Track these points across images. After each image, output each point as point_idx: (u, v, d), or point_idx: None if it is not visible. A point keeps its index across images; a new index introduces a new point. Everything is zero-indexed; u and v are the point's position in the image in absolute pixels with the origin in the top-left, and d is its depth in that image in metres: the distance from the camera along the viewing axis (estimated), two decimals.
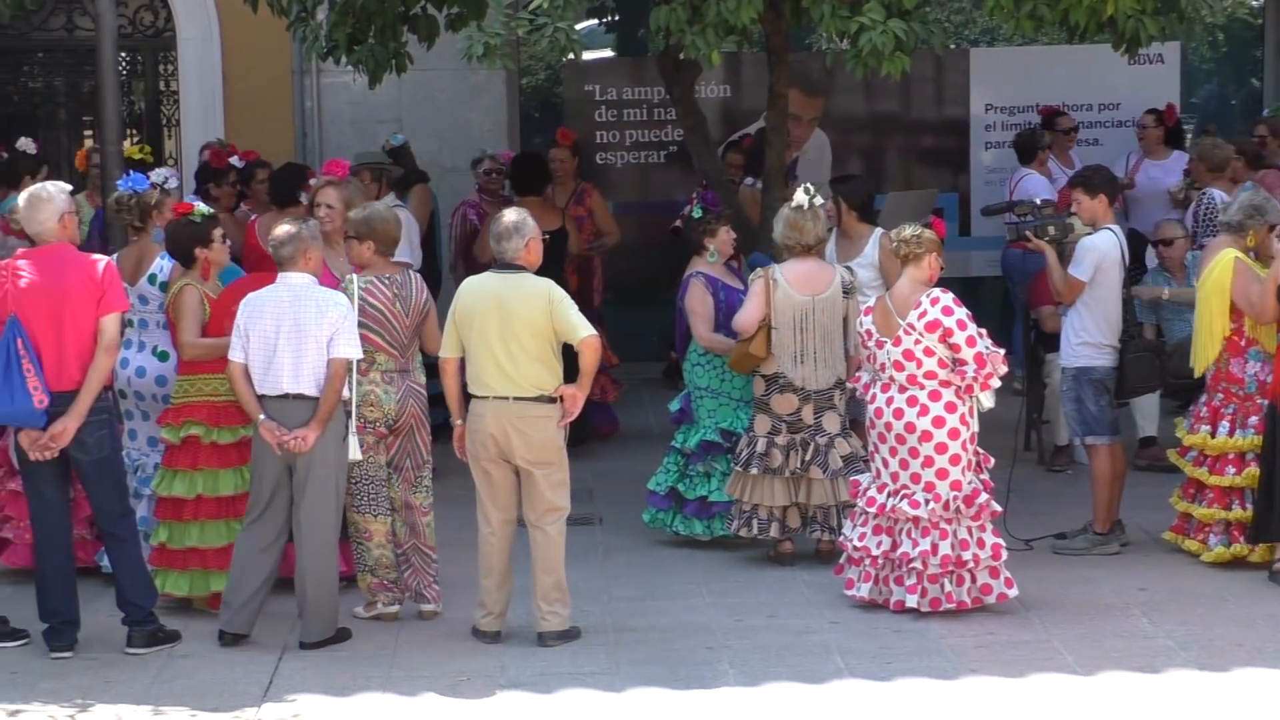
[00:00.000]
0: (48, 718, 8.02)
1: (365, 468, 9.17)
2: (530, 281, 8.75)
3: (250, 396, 8.80)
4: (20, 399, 8.46)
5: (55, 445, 8.60)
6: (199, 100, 15.04)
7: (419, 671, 8.53)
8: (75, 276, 8.63)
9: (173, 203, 9.81)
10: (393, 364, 9.16)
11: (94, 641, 8.89)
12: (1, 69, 15.59)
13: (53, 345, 8.56)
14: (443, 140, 14.89)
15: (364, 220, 9.31)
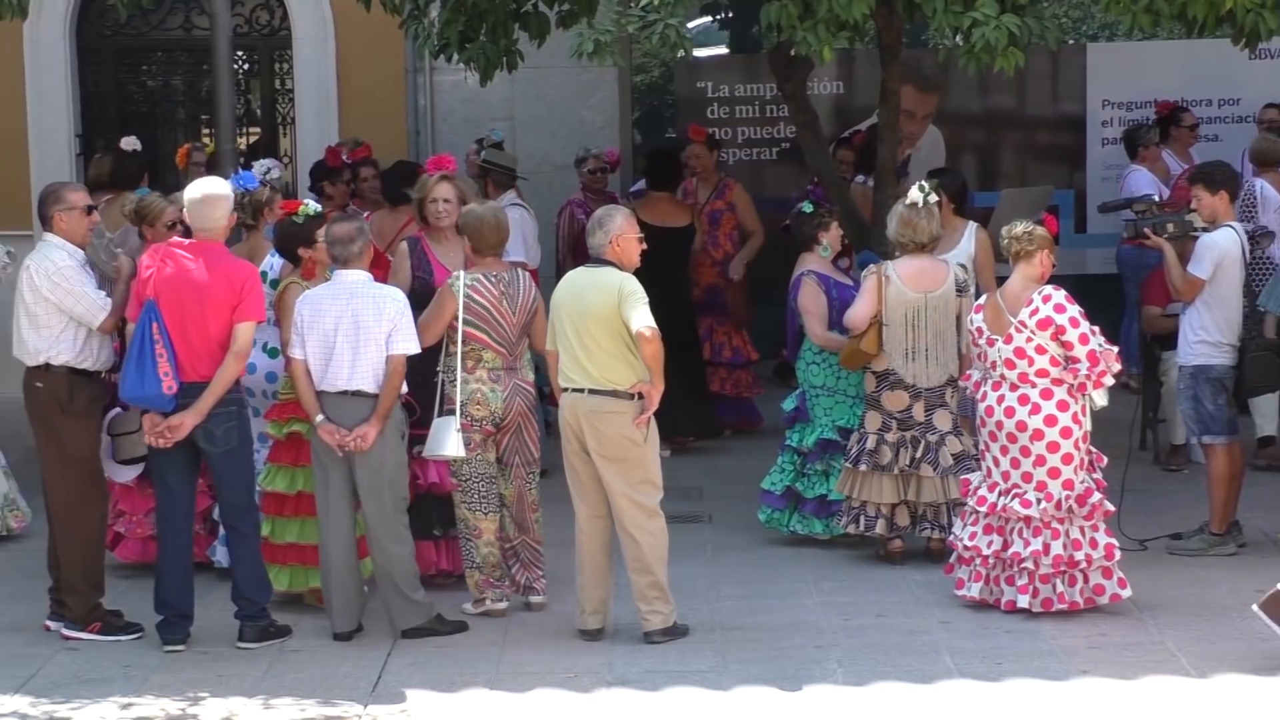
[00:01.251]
0: (160, 710, 8.09)
1: (474, 465, 9.19)
2: (606, 275, 8.72)
3: (310, 395, 8.85)
4: (150, 382, 8.55)
5: (172, 435, 8.69)
6: (314, 98, 15.15)
7: (526, 668, 8.54)
8: (218, 277, 8.71)
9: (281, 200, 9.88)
10: (500, 362, 9.18)
11: (206, 635, 8.97)
12: (120, 68, 15.76)
13: (182, 338, 8.65)
14: (554, 138, 14.92)
15: (463, 219, 9.36)
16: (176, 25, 15.53)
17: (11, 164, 15.00)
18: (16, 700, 8.20)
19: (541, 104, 15.12)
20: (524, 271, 9.53)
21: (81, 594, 9.05)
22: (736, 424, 13.23)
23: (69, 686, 8.38)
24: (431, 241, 9.71)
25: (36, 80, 15.07)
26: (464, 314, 9.06)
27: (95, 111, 15.49)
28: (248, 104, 15.67)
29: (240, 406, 8.95)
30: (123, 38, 15.60)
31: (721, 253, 13.16)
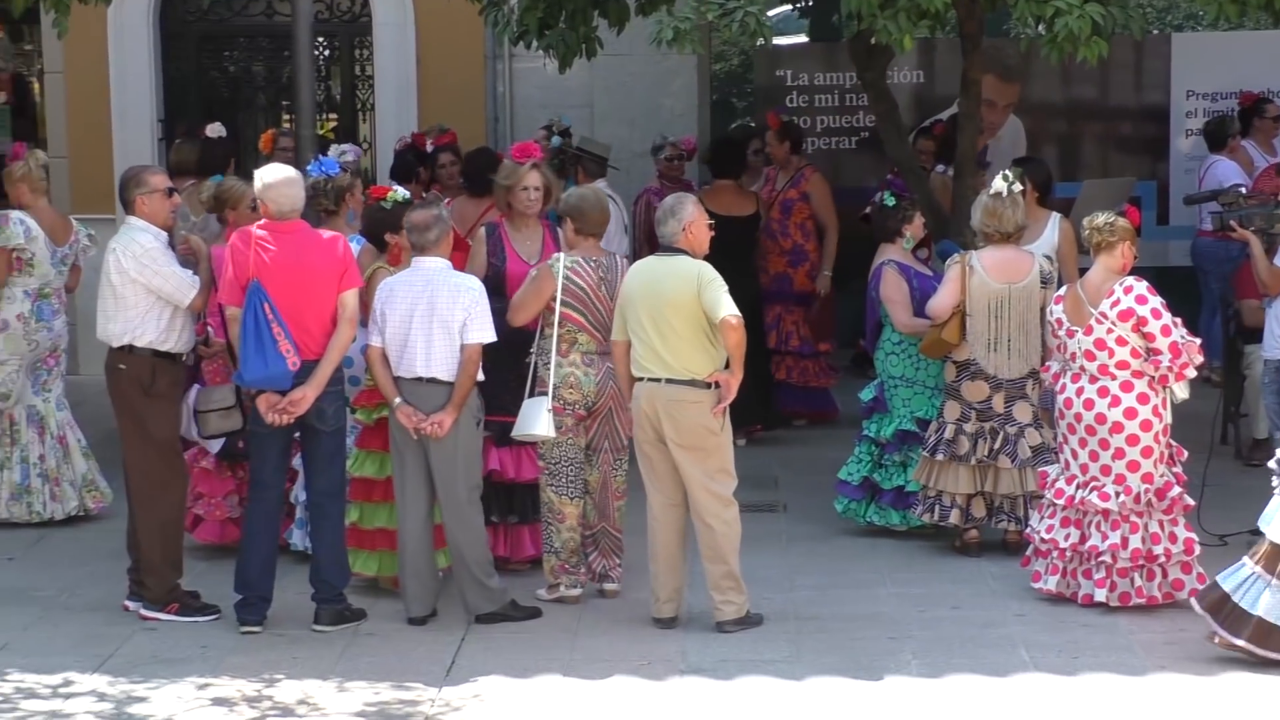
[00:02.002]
0: (236, 691, 8.14)
1: (563, 449, 9.21)
2: (683, 263, 8.71)
3: (388, 380, 8.88)
4: (274, 361, 8.60)
5: (293, 411, 8.74)
6: (394, 85, 15.19)
7: (600, 655, 8.55)
8: (317, 254, 8.77)
9: (366, 186, 9.89)
10: (594, 345, 9.17)
11: (282, 618, 9.01)
12: (203, 54, 15.86)
13: (294, 318, 8.69)
14: (633, 125, 14.90)
15: (565, 200, 9.40)
16: (259, 11, 15.61)
17: (95, 149, 15.11)
18: (95, 679, 8.27)
19: (620, 91, 15.11)
20: (621, 258, 9.51)
21: (160, 575, 9.12)
22: (808, 414, 13.19)
23: (146, 666, 8.44)
24: (510, 229, 9.71)
25: (120, 65, 15.17)
26: (562, 295, 9.08)
27: (177, 97, 15.59)
28: (328, 90, 15.74)
29: (344, 387, 9.01)
30: (205, 24, 15.70)
31: (790, 242, 13.11)
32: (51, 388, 10.91)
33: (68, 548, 10.40)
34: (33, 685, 8.18)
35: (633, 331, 8.74)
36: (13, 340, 10.68)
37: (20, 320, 10.70)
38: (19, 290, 10.70)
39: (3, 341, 10.68)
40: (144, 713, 7.88)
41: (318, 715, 7.86)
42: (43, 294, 10.77)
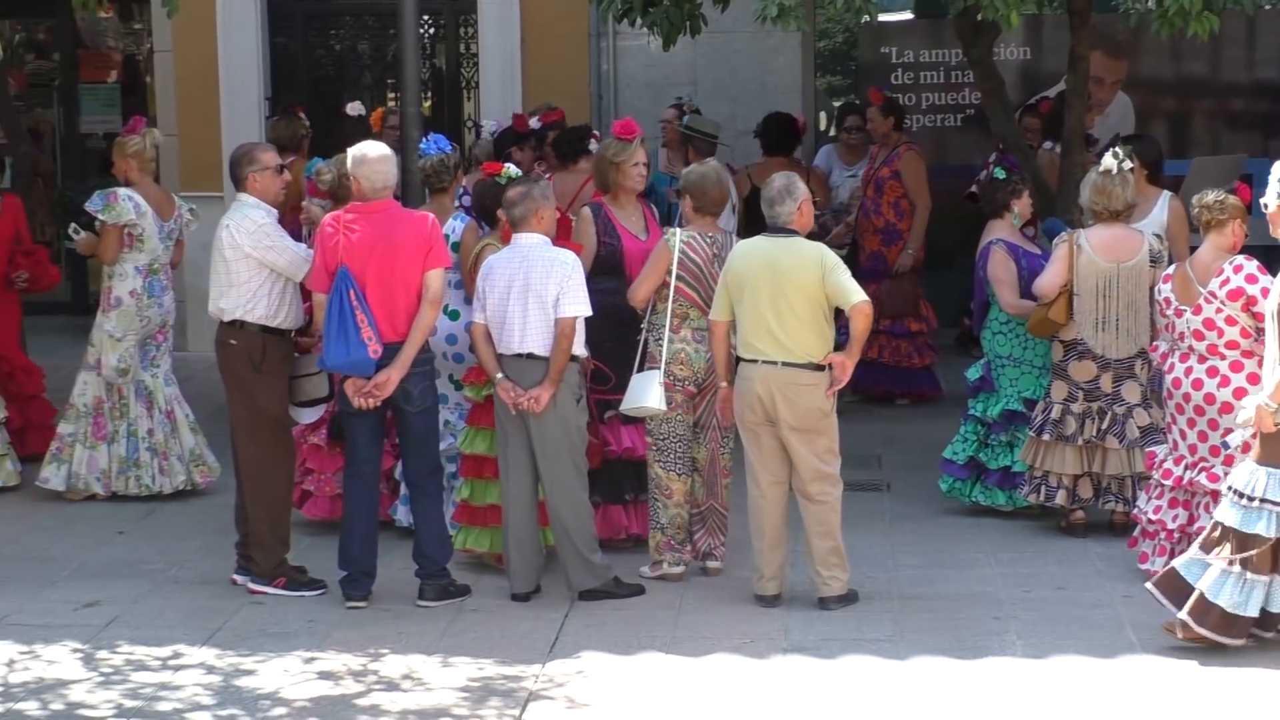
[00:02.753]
0: (341, 666, 8.20)
1: (672, 425, 9.22)
2: (803, 245, 8.70)
3: (490, 356, 8.92)
4: (356, 348, 8.66)
5: (379, 394, 8.80)
6: (498, 63, 15.22)
7: (702, 632, 8.55)
8: (404, 231, 8.81)
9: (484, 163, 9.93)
10: (705, 321, 9.17)
11: (387, 593, 9.08)
12: (310, 33, 15.96)
13: (381, 298, 8.75)
14: (737, 103, 14.87)
15: (684, 177, 9.40)
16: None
17: (203, 126, 15.25)
18: (203, 652, 8.36)
19: (724, 69, 15.07)
20: (736, 236, 9.49)
21: (268, 549, 9.20)
22: (905, 393, 13.12)
23: (254, 639, 8.53)
24: (615, 207, 9.71)
25: (229, 44, 15.29)
26: (677, 270, 9.09)
27: (284, 75, 15.70)
28: (433, 68, 15.79)
29: (430, 366, 9.06)
30: (312, 2, 15.80)
31: (883, 221, 13.08)
32: (160, 363, 11.02)
33: (177, 522, 10.51)
34: (143, 657, 8.29)
35: (744, 313, 8.71)
36: (126, 316, 10.81)
37: (133, 296, 10.83)
38: (130, 266, 10.82)
39: (117, 318, 10.81)
40: (251, 685, 7.96)
41: (422, 690, 7.91)
42: (152, 270, 10.89)
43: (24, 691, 7.87)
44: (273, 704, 7.75)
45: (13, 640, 8.49)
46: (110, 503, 10.83)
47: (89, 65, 17.41)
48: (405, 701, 7.77)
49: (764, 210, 8.82)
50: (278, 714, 7.65)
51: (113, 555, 9.92)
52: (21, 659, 8.26)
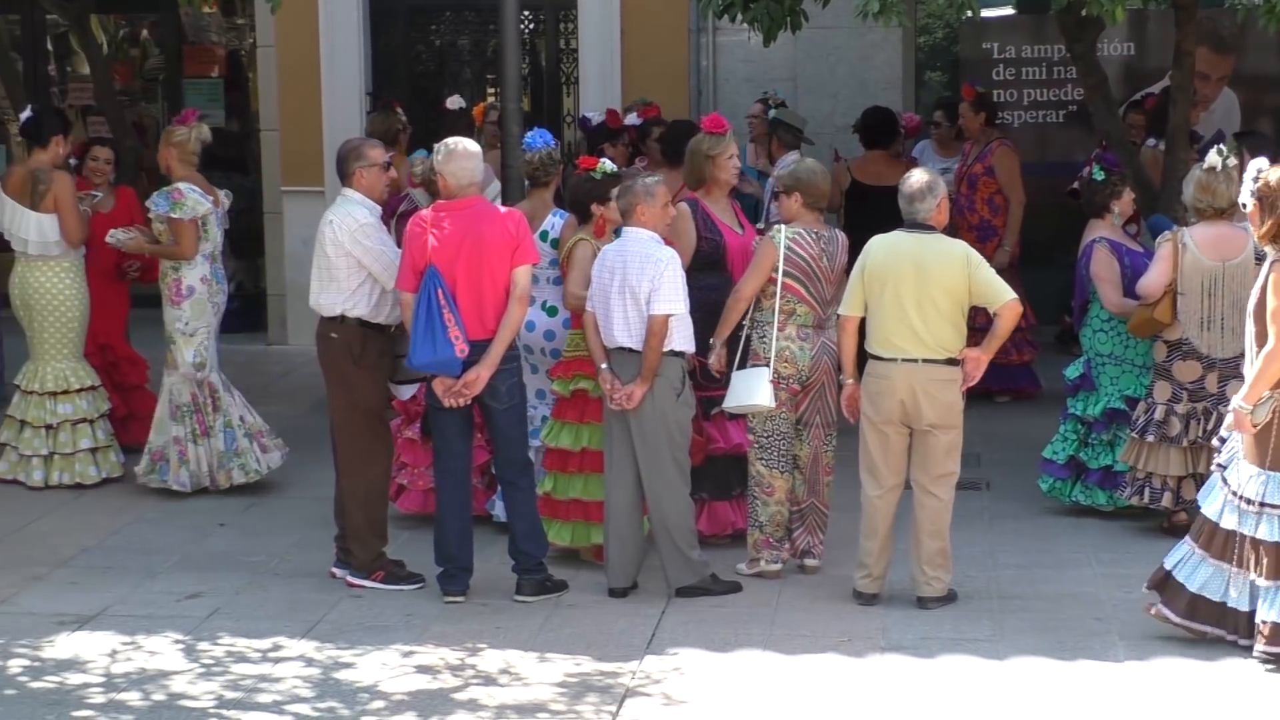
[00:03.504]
0: (439, 660, 8.24)
1: (775, 423, 9.20)
2: (947, 242, 8.71)
3: (598, 346, 8.97)
4: (442, 347, 8.69)
5: (468, 392, 8.83)
6: (597, 58, 15.23)
7: (800, 631, 8.53)
8: (491, 228, 8.83)
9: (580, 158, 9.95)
10: (811, 318, 9.14)
11: (485, 588, 9.11)
12: (412, 28, 16.03)
13: (470, 296, 8.77)
14: (836, 99, 14.82)
15: (792, 173, 9.38)
16: None
17: (305, 122, 15.34)
18: (303, 644, 8.42)
19: (824, 65, 15.02)
20: (841, 232, 9.44)
21: (365, 542, 9.25)
22: (1005, 389, 13.03)
23: (352, 632, 8.57)
24: (710, 202, 9.69)
25: (330, 39, 15.38)
26: (784, 266, 9.07)
27: (385, 70, 15.77)
28: (533, 64, 15.82)
29: (518, 363, 9.07)
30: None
31: (977, 217, 13.01)
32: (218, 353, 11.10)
33: (277, 515, 10.59)
34: (243, 649, 8.35)
35: (883, 310, 8.63)
36: (199, 304, 10.85)
37: (204, 283, 10.87)
38: (200, 255, 10.88)
39: (191, 307, 10.86)
40: (350, 678, 8.00)
41: (519, 685, 7.93)
42: (214, 257, 10.96)
43: (126, 682, 7.95)
44: (371, 697, 7.79)
45: (115, 631, 8.58)
46: (212, 496, 10.92)
47: (193, 60, 17.55)
48: (502, 696, 7.79)
49: (902, 206, 8.75)
50: (376, 707, 7.70)
51: (214, 547, 10.01)
52: (124, 649, 8.35)
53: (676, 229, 9.49)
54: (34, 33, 17.54)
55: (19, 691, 7.84)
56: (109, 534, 10.22)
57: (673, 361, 8.89)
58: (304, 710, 7.66)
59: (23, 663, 8.17)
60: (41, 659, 8.22)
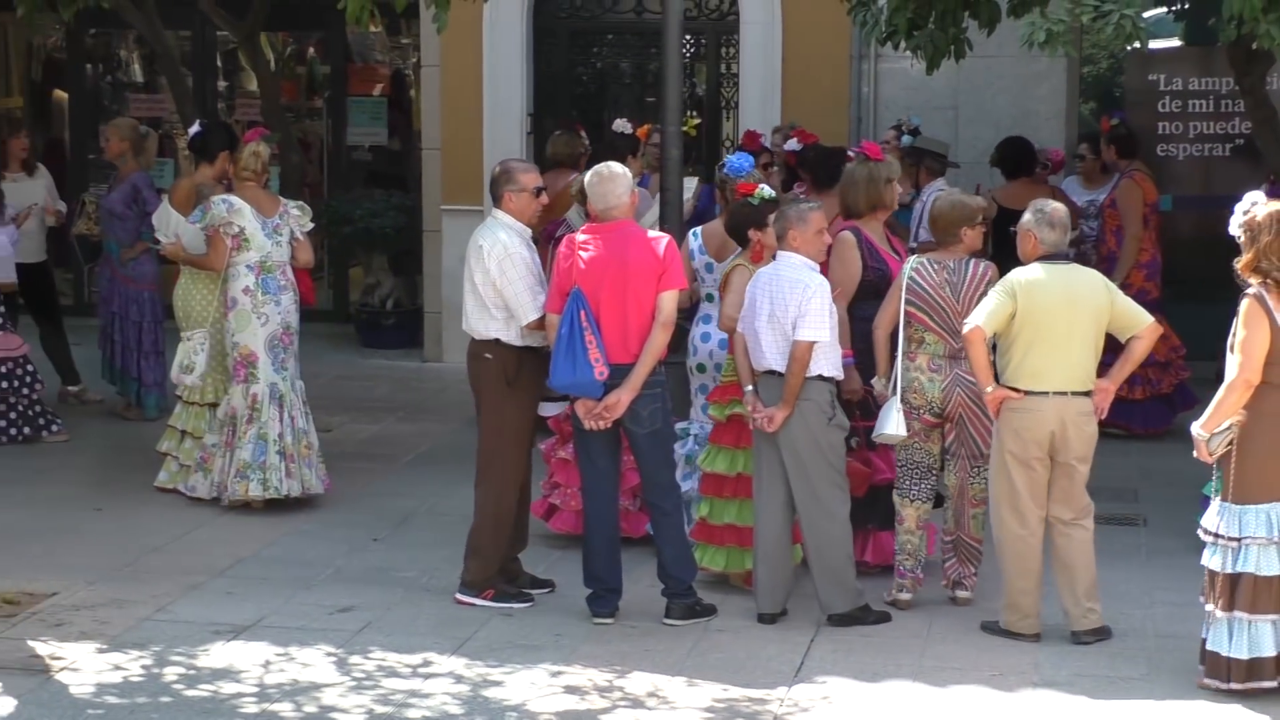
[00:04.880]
0: (587, 681, 8.25)
1: (910, 452, 9.15)
2: (1087, 272, 8.73)
3: (746, 368, 8.97)
4: (582, 369, 8.73)
5: (609, 416, 8.85)
6: (758, 83, 15.24)
7: (951, 663, 8.45)
8: (638, 252, 8.85)
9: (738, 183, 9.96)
10: (941, 349, 9.08)
11: (634, 610, 9.11)
12: (573, 50, 16.13)
13: (614, 319, 8.80)
14: (999, 128, 14.67)
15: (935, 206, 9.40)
16: (628, 9, 15.81)
17: (466, 141, 15.48)
18: (453, 661, 8.47)
19: (986, 94, 14.93)
20: (979, 262, 9.32)
21: (485, 559, 9.29)
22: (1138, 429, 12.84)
23: (502, 651, 8.61)
24: (869, 230, 9.64)
25: (494, 60, 15.52)
26: (906, 295, 9.04)
27: (546, 92, 15.88)
28: (692, 87, 15.86)
29: (663, 388, 9.06)
30: (577, 20, 15.97)
31: (1106, 249, 13.04)
32: (288, 365, 11.09)
33: (430, 530, 10.66)
34: (394, 664, 8.41)
35: (1035, 344, 8.53)
36: (243, 315, 10.92)
37: (247, 294, 10.93)
38: (242, 266, 10.93)
39: (234, 318, 10.95)
40: (498, 696, 8.03)
41: (667, 709, 7.92)
42: (266, 268, 10.97)
43: (279, 693, 8.04)
44: (519, 716, 7.82)
45: (269, 642, 8.68)
46: (367, 510, 11.03)
47: (358, 78, 17.80)
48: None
49: (1047, 236, 8.66)
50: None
51: (367, 561, 10.10)
52: (277, 660, 8.45)
53: (841, 257, 9.43)
54: (204, 49, 17.85)
55: (174, 699, 7.95)
56: (264, 545, 10.35)
57: (819, 386, 8.85)
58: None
59: (179, 670, 8.29)
60: (197, 667, 8.34)
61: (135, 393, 13.24)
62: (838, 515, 8.92)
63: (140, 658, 8.42)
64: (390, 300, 16.48)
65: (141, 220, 12.96)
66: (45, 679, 8.15)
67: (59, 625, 8.84)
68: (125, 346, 13.20)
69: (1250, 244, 7.97)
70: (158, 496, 11.22)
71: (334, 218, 15.93)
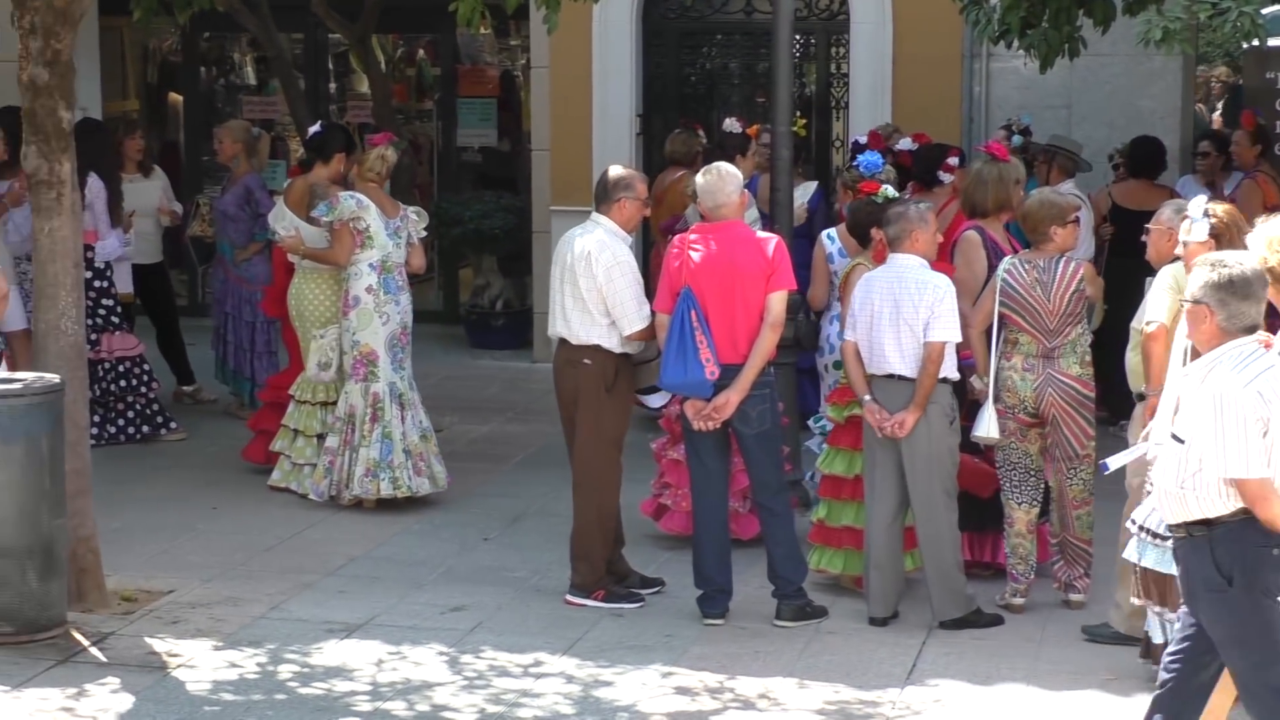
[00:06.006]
0: (698, 682, 8.24)
1: (1007, 453, 9.11)
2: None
3: (859, 376, 8.91)
4: (693, 370, 8.73)
5: (718, 416, 8.85)
6: (868, 83, 15.16)
7: (1064, 667, 8.38)
8: (747, 253, 8.84)
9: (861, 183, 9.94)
10: (1035, 348, 9.02)
11: (745, 611, 9.10)
12: (682, 50, 16.11)
13: (723, 319, 8.80)
14: (1112, 128, 14.56)
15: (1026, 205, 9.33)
16: (738, 9, 15.77)
17: (575, 142, 15.49)
18: (564, 661, 8.49)
19: (1100, 92, 14.78)
20: (1069, 260, 9.24)
21: (594, 563, 9.31)
22: None
23: (613, 651, 8.62)
24: (992, 229, 9.59)
25: (603, 61, 15.52)
26: (999, 296, 8.99)
27: (655, 92, 15.88)
28: (801, 87, 15.81)
29: (772, 389, 9.04)
30: (686, 21, 15.94)
31: None
32: (405, 365, 11.16)
33: (540, 531, 10.67)
34: (505, 664, 8.45)
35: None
36: (365, 314, 10.99)
37: (370, 293, 11.00)
38: (364, 265, 11.01)
39: (356, 316, 11.02)
40: (609, 697, 8.05)
41: (778, 710, 7.90)
42: (386, 268, 11.04)
43: (391, 691, 8.09)
44: (630, 716, 7.83)
45: (382, 640, 8.74)
46: (477, 510, 11.08)
47: (467, 80, 17.86)
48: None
49: None
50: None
51: (478, 561, 10.14)
52: (390, 659, 8.50)
53: (967, 257, 9.40)
54: (316, 51, 17.99)
55: (289, 697, 8.02)
56: (376, 544, 10.41)
57: (943, 388, 8.81)
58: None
59: (293, 668, 8.36)
60: (310, 665, 8.40)
61: (248, 392, 13.35)
62: (950, 521, 8.88)
63: (255, 655, 8.50)
64: (499, 301, 16.54)
65: (254, 222, 13.10)
66: (162, 675, 8.24)
67: (175, 622, 8.94)
68: (238, 346, 13.32)
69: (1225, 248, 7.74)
70: (271, 495, 11.31)
71: (444, 219, 16.00)
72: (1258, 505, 6.25)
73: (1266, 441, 6.24)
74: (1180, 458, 6.41)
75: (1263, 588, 6.33)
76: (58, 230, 9.01)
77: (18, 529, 8.50)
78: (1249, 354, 6.33)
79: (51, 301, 9.06)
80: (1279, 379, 6.29)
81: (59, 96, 8.94)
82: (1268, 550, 6.31)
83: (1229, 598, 6.33)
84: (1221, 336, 6.38)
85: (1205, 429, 6.28)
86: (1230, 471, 6.23)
